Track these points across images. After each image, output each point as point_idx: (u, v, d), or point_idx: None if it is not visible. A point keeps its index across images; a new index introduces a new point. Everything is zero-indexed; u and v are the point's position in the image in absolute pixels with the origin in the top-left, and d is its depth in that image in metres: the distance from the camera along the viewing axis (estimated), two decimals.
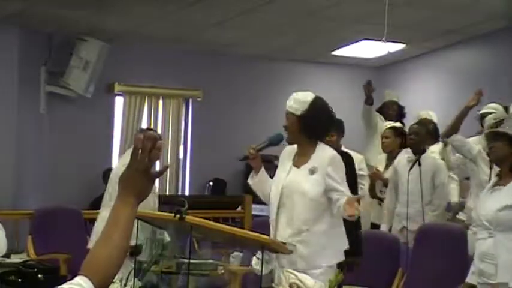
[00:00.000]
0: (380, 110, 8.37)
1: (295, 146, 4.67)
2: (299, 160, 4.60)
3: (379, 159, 7.56)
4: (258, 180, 4.70)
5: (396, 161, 7.00)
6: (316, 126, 4.59)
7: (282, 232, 4.50)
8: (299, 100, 4.57)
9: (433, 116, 7.96)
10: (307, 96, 4.60)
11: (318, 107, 4.58)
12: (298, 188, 4.50)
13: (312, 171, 4.51)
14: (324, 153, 4.56)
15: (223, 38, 9.67)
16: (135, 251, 4.40)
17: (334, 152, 4.63)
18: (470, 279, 4.71)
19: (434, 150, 7.27)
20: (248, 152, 4.66)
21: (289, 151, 4.70)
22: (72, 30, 9.20)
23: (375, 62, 10.85)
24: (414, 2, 8.15)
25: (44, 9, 8.37)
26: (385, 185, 7.13)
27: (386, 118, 8.10)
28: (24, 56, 9.08)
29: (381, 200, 7.23)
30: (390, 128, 7.45)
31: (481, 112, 7.20)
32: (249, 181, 4.77)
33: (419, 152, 6.69)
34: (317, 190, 4.48)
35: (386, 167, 7.31)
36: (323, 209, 4.49)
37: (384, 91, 8.87)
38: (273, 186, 4.63)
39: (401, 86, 10.89)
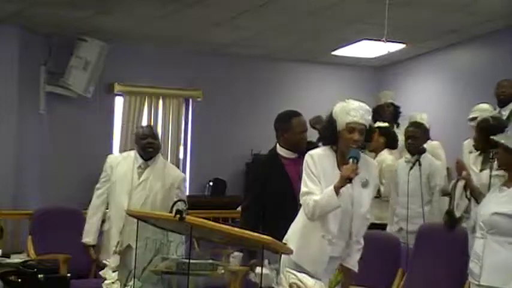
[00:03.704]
0: (375, 111, 8.30)
1: (324, 151, 4.46)
2: None
3: None
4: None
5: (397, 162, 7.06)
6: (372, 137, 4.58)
7: (335, 247, 4.43)
8: (369, 111, 4.44)
9: (425, 118, 7.92)
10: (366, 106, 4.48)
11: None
12: (357, 204, 4.41)
13: (364, 184, 4.43)
14: (369, 163, 4.51)
15: (223, 38, 9.67)
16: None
17: (375, 162, 4.64)
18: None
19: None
20: (354, 173, 4.25)
21: (325, 157, 4.43)
22: (72, 30, 9.20)
23: (375, 62, 10.86)
24: (414, 2, 8.15)
25: (44, 9, 8.37)
26: None
27: (382, 119, 8.09)
28: (24, 56, 9.09)
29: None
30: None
31: (470, 117, 7.23)
32: (334, 203, 4.31)
33: (417, 153, 6.70)
34: (369, 203, 4.47)
35: None
36: None
37: (380, 92, 8.84)
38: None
39: (401, 86, 10.89)
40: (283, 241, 4.38)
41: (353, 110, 4.35)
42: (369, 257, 5.25)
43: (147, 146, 6.06)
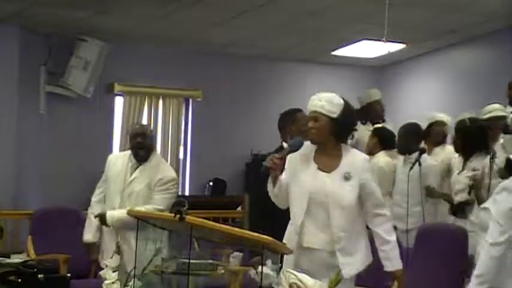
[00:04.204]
0: (365, 111, 8.18)
1: (310, 146, 4.50)
2: (325, 164, 4.43)
3: None
4: (277, 191, 4.44)
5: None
6: (348, 130, 4.49)
7: (313, 239, 4.39)
8: (333, 102, 4.40)
9: (446, 119, 7.89)
10: (339, 99, 4.44)
11: (349, 111, 4.49)
12: (334, 196, 4.35)
13: (346, 178, 4.38)
14: (355, 157, 4.45)
15: (223, 38, 9.68)
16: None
17: (364, 155, 4.54)
18: None
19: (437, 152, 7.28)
20: (271, 162, 4.34)
21: (303, 150, 4.48)
22: (72, 30, 9.20)
23: (375, 62, 10.86)
24: (414, 2, 8.15)
25: (44, 9, 8.38)
26: None
27: (374, 118, 8.03)
28: (24, 56, 9.09)
29: None
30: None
31: (486, 117, 7.22)
32: (271, 193, 4.47)
33: (404, 153, 6.75)
34: (354, 197, 4.38)
35: None
36: (356, 214, 4.42)
37: (366, 91, 8.70)
38: (295, 190, 4.43)
39: (401, 86, 10.90)
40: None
41: (310, 100, 4.45)
42: None
43: (136, 147, 5.91)
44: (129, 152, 6.07)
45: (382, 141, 7.30)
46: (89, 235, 6.16)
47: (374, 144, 7.25)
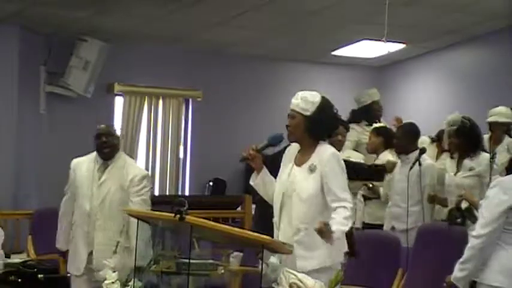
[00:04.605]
0: (363, 111, 8.16)
1: (298, 144, 4.60)
2: (300, 159, 4.54)
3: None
4: (259, 181, 4.60)
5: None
6: (322, 128, 4.54)
7: (283, 232, 4.45)
8: (307, 100, 4.48)
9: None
10: (316, 97, 4.51)
11: (325, 108, 4.52)
12: (297, 187, 4.45)
13: (311, 170, 4.45)
14: (323, 151, 4.50)
15: (223, 38, 9.68)
16: None
17: (333, 150, 4.54)
18: None
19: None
20: (247, 153, 4.56)
21: (292, 150, 4.62)
22: (72, 30, 9.20)
23: (375, 62, 10.86)
24: (414, 2, 8.16)
25: (44, 9, 8.38)
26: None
27: (370, 119, 8.02)
28: (24, 56, 9.09)
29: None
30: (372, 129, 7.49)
31: (488, 120, 7.21)
32: (251, 182, 4.66)
33: (401, 153, 6.75)
34: (314, 188, 4.42)
35: None
36: (321, 208, 4.42)
37: (365, 91, 8.65)
38: (276, 187, 4.57)
39: (401, 86, 10.90)
40: None
41: None
42: (369, 257, 5.26)
43: (101, 146, 5.77)
44: (93, 154, 5.90)
45: (389, 140, 7.28)
46: (59, 244, 5.89)
47: (380, 143, 7.23)
